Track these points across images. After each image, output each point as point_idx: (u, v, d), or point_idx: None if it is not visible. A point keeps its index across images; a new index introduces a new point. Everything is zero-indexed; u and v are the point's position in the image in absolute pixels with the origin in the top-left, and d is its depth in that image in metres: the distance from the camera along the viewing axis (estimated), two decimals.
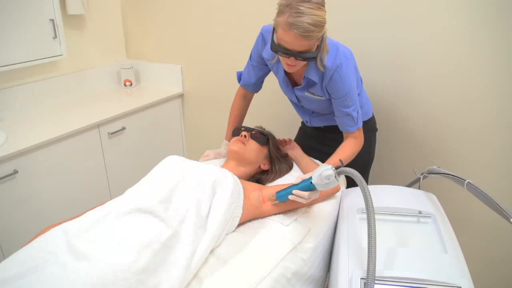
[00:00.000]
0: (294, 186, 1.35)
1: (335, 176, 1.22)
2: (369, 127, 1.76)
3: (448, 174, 1.38)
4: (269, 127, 1.78)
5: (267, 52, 1.58)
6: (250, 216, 1.39)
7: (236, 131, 1.67)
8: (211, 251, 1.24)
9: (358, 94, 1.67)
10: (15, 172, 1.89)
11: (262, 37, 1.61)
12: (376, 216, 1.38)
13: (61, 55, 2.38)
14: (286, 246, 1.29)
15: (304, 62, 1.43)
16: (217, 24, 2.45)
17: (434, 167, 1.50)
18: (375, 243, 1.04)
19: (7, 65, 2.14)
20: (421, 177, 1.57)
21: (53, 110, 2.42)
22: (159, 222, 1.14)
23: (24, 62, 2.22)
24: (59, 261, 1.05)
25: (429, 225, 1.35)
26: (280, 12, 1.32)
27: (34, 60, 2.26)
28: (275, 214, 1.44)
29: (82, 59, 2.67)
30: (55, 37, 2.31)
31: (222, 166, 1.57)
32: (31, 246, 1.12)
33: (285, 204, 1.43)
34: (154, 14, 2.71)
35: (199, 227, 1.21)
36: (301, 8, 1.27)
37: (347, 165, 1.55)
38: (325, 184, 1.24)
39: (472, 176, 1.82)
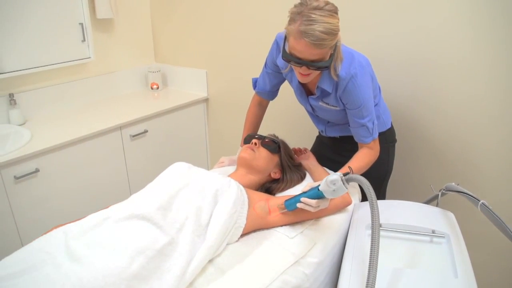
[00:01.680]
0: (302, 194, 1.32)
1: (344, 183, 1.18)
2: (387, 138, 1.69)
3: (463, 192, 1.30)
4: (288, 135, 1.75)
5: (281, 60, 1.55)
6: (255, 226, 1.36)
7: (247, 139, 1.65)
8: (211, 261, 1.22)
9: (376, 104, 1.61)
10: (37, 170, 1.95)
11: (276, 45, 1.58)
12: (387, 233, 1.34)
13: (89, 57, 2.45)
14: (288, 259, 1.25)
15: (317, 72, 1.39)
16: (242, 30, 2.45)
17: (453, 184, 1.42)
18: (376, 262, 0.99)
19: (37, 67, 2.24)
20: (439, 193, 1.48)
21: (79, 111, 2.49)
22: (156, 229, 1.14)
23: (53, 64, 2.31)
24: (55, 262, 1.06)
25: (443, 246, 1.28)
26: (291, 20, 1.29)
27: (63, 62, 2.35)
28: (281, 226, 1.40)
29: (110, 61, 2.74)
30: (84, 40, 2.39)
31: (232, 174, 1.56)
32: (31, 245, 1.14)
33: (293, 215, 1.39)
34: (182, 18, 2.74)
35: (198, 235, 1.20)
36: (313, 15, 1.23)
37: (362, 175, 1.49)
38: (333, 191, 1.21)
39: (498, 193, 1.73)
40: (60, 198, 2.11)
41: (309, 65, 1.31)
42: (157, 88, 2.95)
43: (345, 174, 1.20)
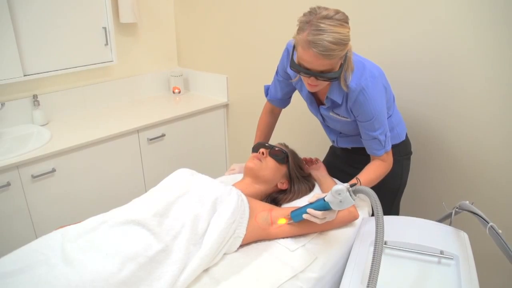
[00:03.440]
0: (309, 205, 1.30)
1: (350, 194, 1.15)
2: (401, 151, 1.63)
3: (474, 213, 1.23)
4: (303, 145, 1.71)
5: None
6: (256, 237, 1.34)
7: (256, 148, 1.63)
8: (206, 270, 1.21)
9: (390, 116, 1.56)
10: (53, 170, 2.00)
11: (287, 52, 1.56)
12: (393, 252, 1.28)
13: (112, 61, 2.50)
14: (286, 272, 1.22)
15: (326, 82, 1.35)
16: (264, 38, 2.43)
17: (467, 202, 1.34)
18: (375, 282, 0.94)
19: (60, 69, 2.30)
20: (453, 212, 1.41)
21: (99, 113, 2.55)
22: (150, 235, 1.13)
23: (77, 67, 2.37)
24: (49, 263, 1.08)
25: (451, 268, 1.21)
26: (300, 30, 1.26)
27: (86, 65, 2.41)
28: (283, 238, 1.37)
29: (133, 65, 2.78)
30: (107, 44, 2.44)
31: (238, 182, 1.54)
32: (29, 245, 1.17)
33: (296, 227, 1.36)
34: (205, 24, 2.76)
35: (193, 244, 1.18)
36: (322, 25, 1.20)
37: (373, 188, 1.44)
38: (339, 203, 1.18)
39: None
40: (75, 198, 2.15)
41: (317, 75, 1.28)
42: (179, 92, 2.98)
43: (352, 185, 1.16)
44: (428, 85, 1.77)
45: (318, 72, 1.27)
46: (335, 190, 1.16)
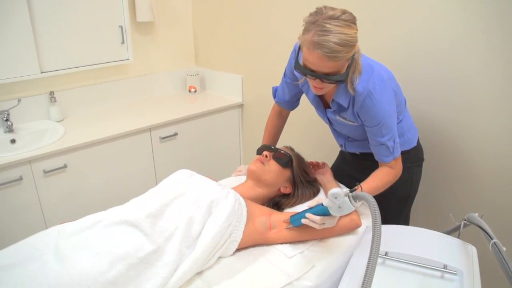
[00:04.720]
0: (308, 209, 1.27)
1: (350, 200, 1.12)
2: (411, 158, 1.56)
3: (480, 227, 1.16)
4: (314, 148, 1.66)
5: None
6: (253, 241, 1.31)
7: (260, 150, 1.60)
8: (199, 273, 1.19)
9: (400, 121, 1.50)
10: (65, 166, 2.04)
11: (294, 53, 1.52)
12: (394, 263, 1.23)
13: (128, 59, 2.53)
14: (281, 279, 1.19)
15: (332, 85, 1.31)
16: (280, 38, 2.40)
17: (475, 214, 1.27)
18: None
19: (77, 67, 2.34)
20: (461, 224, 1.34)
21: (114, 111, 2.57)
22: (142, 236, 1.13)
23: (93, 65, 2.41)
24: (42, 259, 1.09)
25: (453, 284, 1.15)
26: (305, 30, 1.23)
27: (102, 63, 2.44)
28: (282, 243, 1.34)
29: (149, 64, 2.80)
30: (123, 42, 2.46)
31: (240, 185, 1.52)
32: (25, 241, 1.18)
33: (295, 233, 1.33)
34: (222, 23, 2.76)
35: (186, 246, 1.17)
36: (328, 26, 1.16)
37: (380, 196, 1.39)
38: (338, 208, 1.15)
39: None
40: (86, 195, 2.18)
41: (323, 78, 1.24)
42: (195, 91, 2.98)
43: (351, 191, 1.12)
44: (438, 82, 1.70)
45: (323, 74, 1.23)
46: (331, 194, 1.14)
